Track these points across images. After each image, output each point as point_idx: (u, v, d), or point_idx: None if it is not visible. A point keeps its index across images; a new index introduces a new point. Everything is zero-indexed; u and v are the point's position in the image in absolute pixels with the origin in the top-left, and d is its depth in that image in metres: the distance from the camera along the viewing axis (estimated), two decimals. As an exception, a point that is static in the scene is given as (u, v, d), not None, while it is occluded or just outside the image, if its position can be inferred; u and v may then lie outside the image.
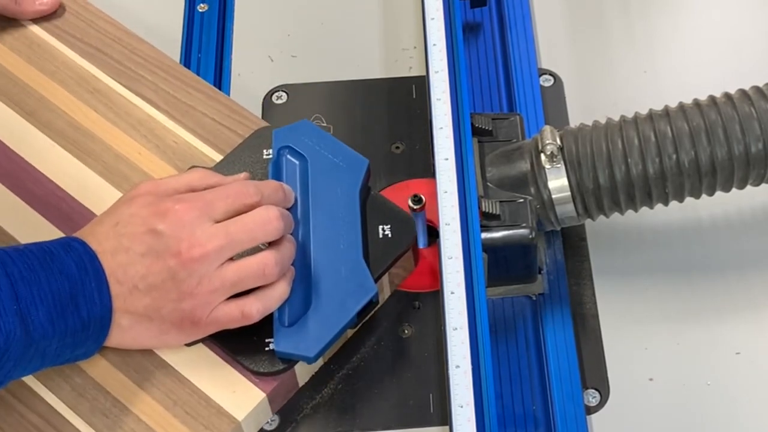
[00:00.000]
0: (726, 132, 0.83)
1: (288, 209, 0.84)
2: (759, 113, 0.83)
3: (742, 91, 0.85)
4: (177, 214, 0.78)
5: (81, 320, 0.75)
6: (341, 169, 0.86)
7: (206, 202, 0.79)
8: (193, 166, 0.89)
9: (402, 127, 0.98)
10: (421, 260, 0.90)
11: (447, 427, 0.76)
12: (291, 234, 0.82)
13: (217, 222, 0.79)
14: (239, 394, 0.81)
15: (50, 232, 0.88)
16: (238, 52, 1.05)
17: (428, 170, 0.91)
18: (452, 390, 0.76)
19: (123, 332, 0.79)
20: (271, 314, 0.80)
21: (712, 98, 0.85)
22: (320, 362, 0.85)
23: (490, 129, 0.89)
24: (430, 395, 0.84)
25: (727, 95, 0.85)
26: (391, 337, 0.87)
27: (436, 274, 0.88)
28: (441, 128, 0.88)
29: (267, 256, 0.79)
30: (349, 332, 0.86)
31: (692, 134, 0.83)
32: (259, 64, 1.04)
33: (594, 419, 0.83)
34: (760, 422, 0.83)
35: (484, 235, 0.83)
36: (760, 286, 0.89)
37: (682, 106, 0.85)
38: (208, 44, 1.04)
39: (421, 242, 0.91)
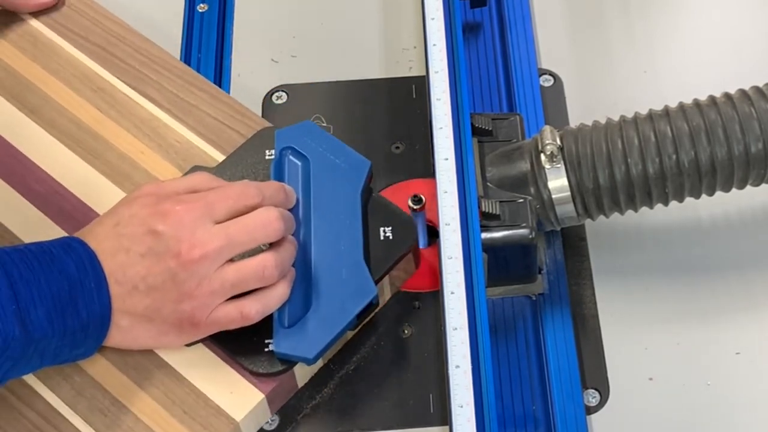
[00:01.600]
0: (726, 132, 0.83)
1: (290, 210, 0.84)
2: (759, 113, 0.83)
3: (742, 91, 0.85)
4: (177, 214, 0.78)
5: (80, 320, 0.75)
6: (343, 170, 0.86)
7: (207, 203, 0.79)
8: (196, 166, 0.89)
9: (402, 127, 0.98)
10: (421, 260, 0.90)
11: (447, 427, 0.76)
12: (292, 234, 0.82)
13: (218, 223, 0.78)
14: (238, 395, 0.81)
15: (52, 230, 0.88)
16: (238, 52, 1.05)
17: (428, 170, 0.91)
18: (452, 390, 0.76)
19: (123, 333, 0.79)
20: (271, 315, 0.80)
21: (712, 98, 0.85)
22: (320, 363, 0.85)
23: (490, 129, 0.89)
24: (430, 395, 0.84)
25: (727, 95, 0.85)
26: (391, 337, 0.87)
27: (436, 274, 0.88)
28: (441, 128, 0.88)
29: (267, 258, 0.79)
30: (349, 333, 0.86)
31: (692, 134, 0.83)
32: (259, 64, 1.04)
33: (594, 419, 0.83)
34: (760, 422, 0.83)
35: (484, 235, 0.83)
36: (760, 286, 0.89)
37: (682, 106, 0.85)
38: (208, 44, 1.04)
39: (421, 242, 0.91)
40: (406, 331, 0.87)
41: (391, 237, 0.85)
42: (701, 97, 0.86)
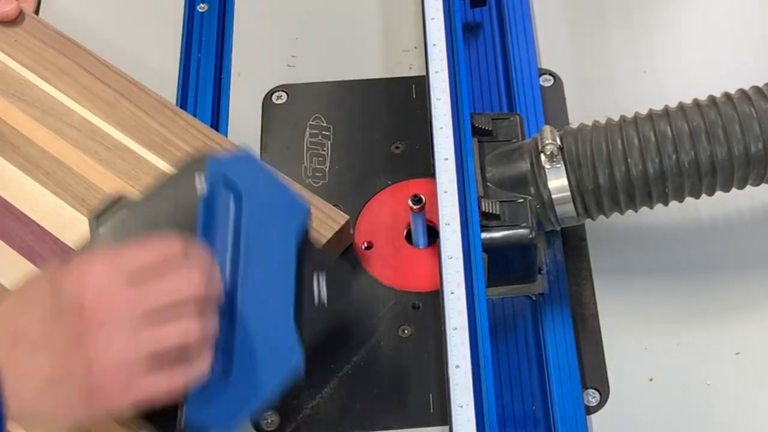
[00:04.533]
0: (726, 132, 0.83)
1: (217, 256, 0.75)
2: (759, 113, 0.83)
3: (742, 91, 0.85)
4: (84, 270, 0.69)
5: None
6: (280, 213, 0.79)
7: (120, 256, 0.70)
8: (109, 195, 0.82)
9: (402, 127, 0.98)
10: (421, 260, 0.90)
11: (447, 427, 0.76)
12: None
13: (133, 280, 0.69)
14: None
15: None
16: (238, 52, 1.05)
17: (428, 170, 0.91)
18: (452, 390, 0.76)
19: (25, 404, 0.69)
20: None
21: (712, 98, 0.85)
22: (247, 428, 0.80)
23: (490, 129, 0.89)
24: (430, 395, 0.84)
25: (727, 95, 0.85)
26: (391, 337, 0.87)
27: (435, 274, 0.88)
28: (441, 128, 0.88)
29: (190, 324, 0.69)
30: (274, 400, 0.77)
31: (692, 134, 0.83)
32: (259, 64, 1.04)
33: (594, 419, 0.83)
34: (760, 422, 0.83)
35: (484, 235, 0.83)
36: (760, 286, 0.89)
37: (682, 106, 0.85)
38: (208, 44, 1.04)
39: (421, 242, 0.91)
40: (406, 331, 0.87)
41: (326, 293, 0.78)
42: (701, 97, 0.86)
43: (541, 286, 0.89)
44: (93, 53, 0.98)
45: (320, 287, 0.78)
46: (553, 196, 0.85)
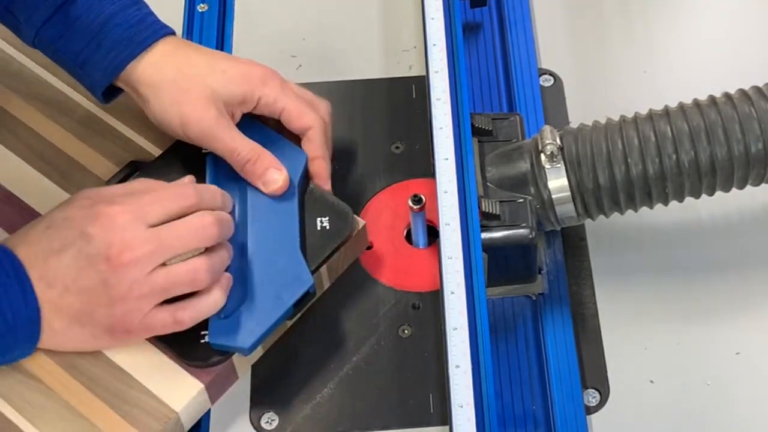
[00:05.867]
0: (726, 132, 0.83)
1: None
2: (759, 113, 0.83)
3: (742, 91, 0.85)
4: (109, 217, 0.77)
5: (6, 324, 0.75)
6: (280, 159, 0.87)
7: (140, 205, 0.79)
8: (133, 161, 0.90)
9: (402, 127, 0.98)
10: (421, 260, 0.90)
11: (447, 427, 0.76)
12: None
13: (153, 226, 0.78)
14: (177, 386, 0.81)
15: None
16: (238, 52, 1.05)
17: (428, 170, 0.91)
18: (452, 390, 0.76)
19: (56, 335, 0.79)
20: None
21: (712, 98, 0.85)
22: (259, 352, 0.85)
23: (490, 129, 0.89)
24: (430, 395, 0.84)
25: (727, 95, 0.85)
26: (391, 337, 0.87)
27: (435, 274, 0.88)
28: (441, 128, 0.88)
29: (198, 263, 0.79)
30: (288, 323, 0.86)
31: (692, 134, 0.83)
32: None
33: (594, 419, 0.83)
34: (760, 422, 0.83)
35: (484, 235, 0.83)
36: (760, 286, 0.89)
37: (682, 106, 0.85)
38: (208, 44, 1.04)
39: (421, 242, 0.91)
40: (406, 331, 0.87)
41: (327, 227, 0.86)
42: (701, 97, 0.86)
43: (541, 286, 0.89)
44: None
45: (321, 217, 0.87)
46: (553, 196, 0.85)
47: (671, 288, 0.89)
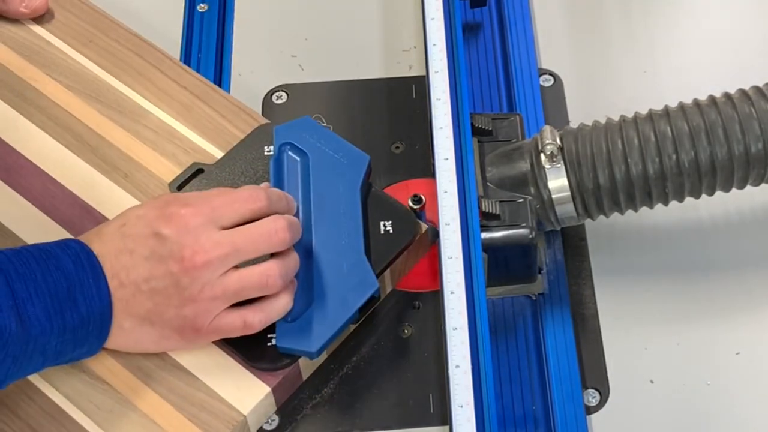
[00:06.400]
0: (726, 132, 0.83)
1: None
2: (759, 113, 0.83)
3: (742, 91, 0.85)
4: (183, 218, 0.78)
5: (80, 316, 0.75)
6: (342, 165, 0.87)
7: (213, 207, 0.79)
8: (195, 163, 0.89)
9: (402, 127, 0.98)
10: (421, 260, 0.90)
11: (447, 427, 0.76)
12: None
13: (224, 228, 0.78)
14: (244, 389, 0.81)
15: (50, 227, 0.88)
16: (238, 52, 1.05)
17: (428, 170, 0.91)
18: (452, 390, 0.76)
19: (125, 335, 0.79)
20: None
21: (712, 98, 0.85)
22: (324, 356, 0.86)
23: (490, 129, 0.89)
24: (430, 395, 0.84)
25: (727, 95, 0.85)
26: (391, 337, 0.87)
27: (436, 274, 0.88)
28: (441, 128, 0.88)
29: (271, 267, 0.79)
30: (351, 327, 0.86)
31: (692, 134, 0.83)
32: (259, 64, 1.04)
33: (594, 419, 0.83)
34: (760, 422, 0.83)
35: (484, 235, 0.83)
36: (760, 286, 0.89)
37: (682, 106, 0.85)
38: (208, 44, 1.04)
39: (422, 242, 0.91)
40: (406, 331, 0.87)
41: (391, 231, 0.86)
42: (701, 97, 0.86)
43: (541, 286, 0.89)
44: (167, 54, 0.98)
45: (384, 221, 0.86)
46: (553, 196, 0.85)
47: (671, 288, 0.89)
